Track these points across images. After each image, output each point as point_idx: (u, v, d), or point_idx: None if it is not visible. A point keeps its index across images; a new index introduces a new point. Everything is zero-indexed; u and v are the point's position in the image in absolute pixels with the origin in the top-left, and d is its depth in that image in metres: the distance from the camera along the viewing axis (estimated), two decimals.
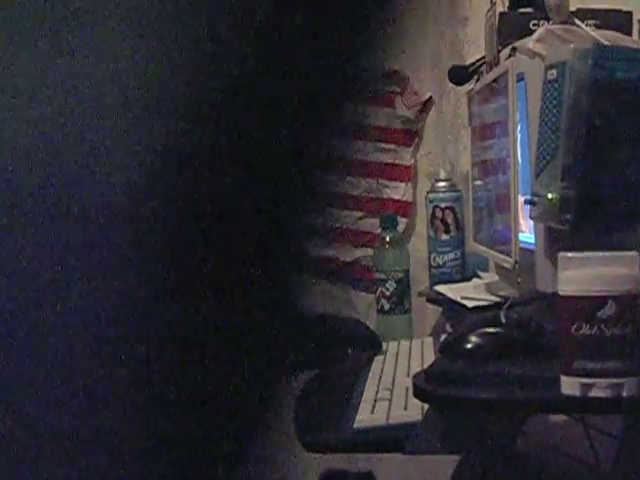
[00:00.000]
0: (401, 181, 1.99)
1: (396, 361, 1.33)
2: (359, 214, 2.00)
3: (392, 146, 1.99)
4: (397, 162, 1.99)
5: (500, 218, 1.31)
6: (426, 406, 1.01)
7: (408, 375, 1.23)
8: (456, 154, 1.95)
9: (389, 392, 1.15)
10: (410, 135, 1.99)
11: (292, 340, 1.13)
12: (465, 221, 1.61)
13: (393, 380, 1.22)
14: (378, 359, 1.34)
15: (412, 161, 1.99)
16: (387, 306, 1.55)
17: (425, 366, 1.25)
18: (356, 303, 2.00)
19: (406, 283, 1.56)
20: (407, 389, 1.14)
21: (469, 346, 0.93)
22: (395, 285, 1.55)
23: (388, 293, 1.55)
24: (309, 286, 1.81)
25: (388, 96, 1.98)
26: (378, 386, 1.19)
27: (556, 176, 0.96)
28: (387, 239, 1.57)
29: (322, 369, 1.24)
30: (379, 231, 1.85)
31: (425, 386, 0.88)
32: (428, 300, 1.62)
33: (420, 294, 1.64)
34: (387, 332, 1.53)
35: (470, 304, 1.42)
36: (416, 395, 0.88)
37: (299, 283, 1.01)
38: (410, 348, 1.42)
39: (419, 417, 1.02)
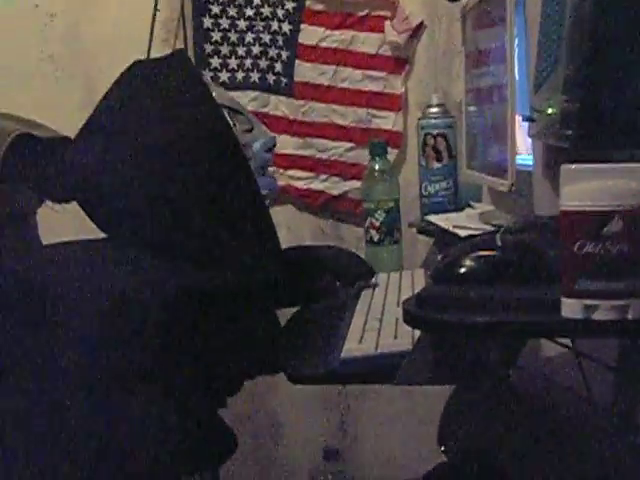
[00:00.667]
0: (391, 110, 1.91)
1: (386, 292, 1.27)
2: (348, 145, 1.93)
3: (382, 74, 1.91)
4: (387, 91, 1.92)
5: (495, 143, 1.25)
6: (417, 335, 0.96)
7: (398, 305, 1.17)
8: (449, 82, 1.88)
9: (378, 322, 1.10)
10: (400, 62, 1.91)
11: (275, 272, 1.07)
12: (458, 149, 1.54)
13: (382, 310, 1.17)
14: (367, 291, 1.29)
15: (402, 90, 1.92)
16: (376, 237, 1.49)
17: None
18: (346, 237, 1.94)
19: (396, 213, 1.50)
20: (397, 319, 1.08)
21: (463, 270, 0.87)
22: (384, 215, 1.49)
23: (377, 223, 1.49)
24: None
25: (377, 21, 1.90)
26: (367, 316, 1.14)
27: (557, 89, 0.89)
28: (376, 168, 1.50)
29: (309, 302, 1.19)
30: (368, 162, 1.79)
31: (416, 311, 0.81)
32: (419, 231, 1.56)
33: (410, 225, 1.58)
34: (376, 264, 1.48)
35: (463, 233, 1.36)
36: (406, 321, 0.82)
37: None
38: (400, 279, 1.36)
39: (410, 346, 0.96)
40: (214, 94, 1.09)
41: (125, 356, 0.95)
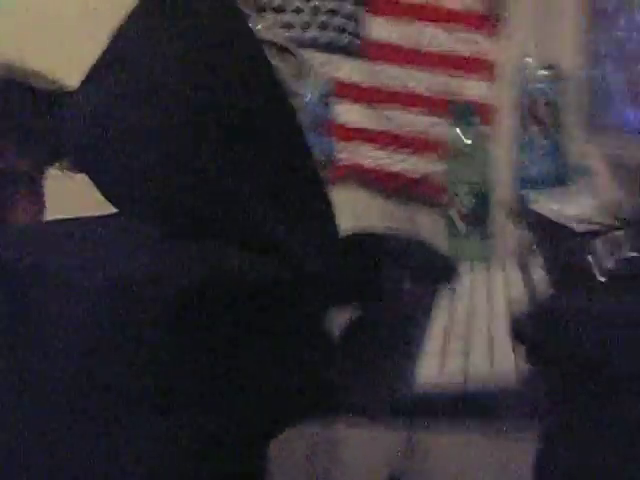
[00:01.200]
0: (482, 78, 1.61)
1: (472, 296, 0.98)
2: (432, 119, 1.63)
3: (471, 34, 1.61)
4: (477, 55, 1.61)
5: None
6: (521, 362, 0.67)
7: (491, 317, 0.89)
8: (552, 43, 1.56)
9: (462, 340, 0.82)
10: (494, 20, 1.60)
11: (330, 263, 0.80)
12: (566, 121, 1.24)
13: (468, 322, 0.88)
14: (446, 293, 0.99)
15: (496, 53, 1.61)
16: (463, 228, 1.20)
17: (512, 304, 0.92)
18: (424, 228, 1.65)
19: (487, 198, 1.21)
20: (490, 338, 0.80)
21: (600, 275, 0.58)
22: (473, 201, 1.19)
23: (465, 211, 1.20)
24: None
25: None
26: (448, 329, 0.85)
27: None
28: (463, 140, 1.21)
29: (371, 305, 0.90)
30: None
31: (531, 330, 0.53)
32: (513, 216, 1.26)
33: (499, 204, 1.28)
34: (461, 261, 1.19)
35: (579, 227, 1.06)
36: (519, 340, 0.54)
37: None
38: (489, 279, 1.07)
39: (512, 378, 0.68)
40: (258, 26, 0.83)
41: (118, 377, 0.69)
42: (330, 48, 1.66)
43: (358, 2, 1.64)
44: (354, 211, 1.68)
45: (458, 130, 1.20)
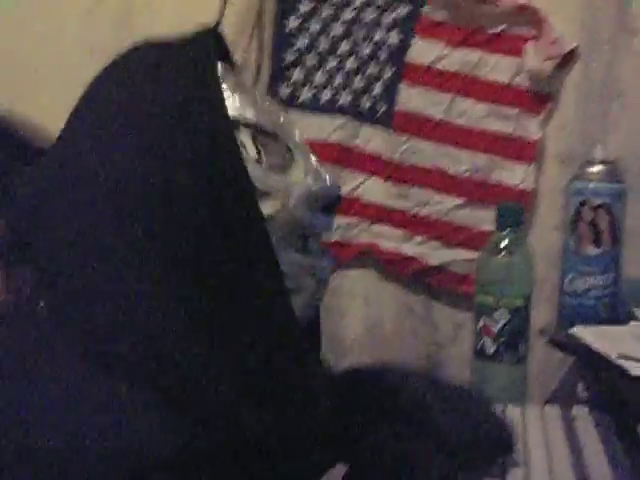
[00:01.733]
0: (521, 161, 1.43)
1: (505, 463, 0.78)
2: (457, 201, 1.45)
3: (514, 111, 1.43)
4: (518, 134, 1.43)
5: None
6: None
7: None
8: (603, 132, 1.38)
9: None
10: (541, 99, 1.42)
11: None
12: (626, 232, 1.05)
13: None
14: None
15: (540, 135, 1.43)
16: (491, 348, 1.01)
17: (560, 468, 0.73)
18: (441, 324, 1.46)
19: (525, 316, 1.02)
20: None
21: None
22: (508, 317, 1.01)
23: (495, 329, 1.01)
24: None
25: (515, 41, 1.42)
26: None
27: None
28: (504, 244, 1.02)
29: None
30: (482, 229, 1.32)
31: None
32: (554, 344, 1.06)
33: (542, 333, 1.09)
34: (487, 387, 1.00)
35: (636, 370, 0.87)
36: None
37: None
38: (524, 423, 0.88)
39: None
40: (236, 104, 0.64)
41: None
42: (362, 118, 1.48)
43: (393, 65, 1.46)
44: (366, 295, 1.50)
45: (500, 232, 1.01)
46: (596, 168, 1.08)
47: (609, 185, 1.07)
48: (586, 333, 0.98)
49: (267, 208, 0.64)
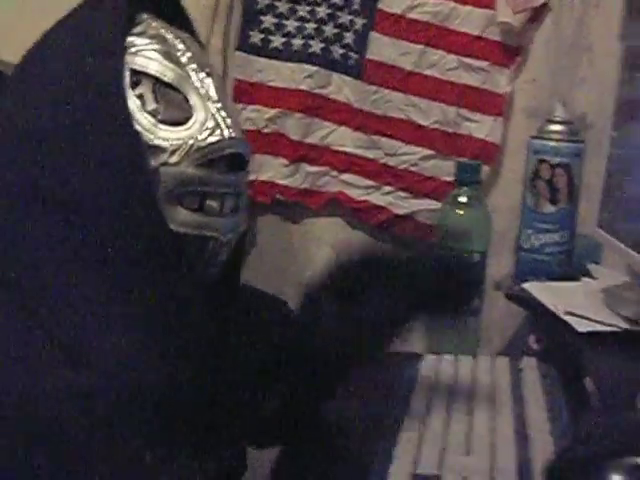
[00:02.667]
0: (489, 114, 1.44)
1: (448, 411, 0.81)
2: (425, 152, 1.47)
3: (483, 63, 1.43)
4: (487, 87, 1.44)
5: None
6: None
7: (469, 448, 0.72)
8: (571, 87, 1.40)
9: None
10: (511, 52, 1.43)
11: None
12: (581, 189, 1.07)
13: (441, 454, 0.71)
14: (416, 400, 0.82)
15: (509, 88, 1.44)
16: None
17: (501, 417, 0.76)
18: None
19: (482, 269, 1.04)
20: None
21: None
22: None
23: None
24: None
25: None
26: (414, 463, 0.68)
27: None
28: (462, 200, 1.04)
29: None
30: (449, 179, 1.33)
31: None
32: (509, 297, 1.09)
33: (497, 287, 1.12)
34: (441, 339, 1.03)
35: (581, 327, 0.90)
36: None
37: None
38: (475, 376, 0.91)
39: None
40: (144, 55, 0.66)
41: None
42: (333, 66, 1.48)
43: (364, 14, 1.46)
44: (334, 242, 1.52)
45: (459, 188, 1.03)
46: (556, 127, 1.10)
47: (568, 144, 1.08)
48: (538, 288, 1.01)
49: (153, 162, 0.64)
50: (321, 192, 1.53)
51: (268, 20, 1.49)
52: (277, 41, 1.49)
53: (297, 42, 1.48)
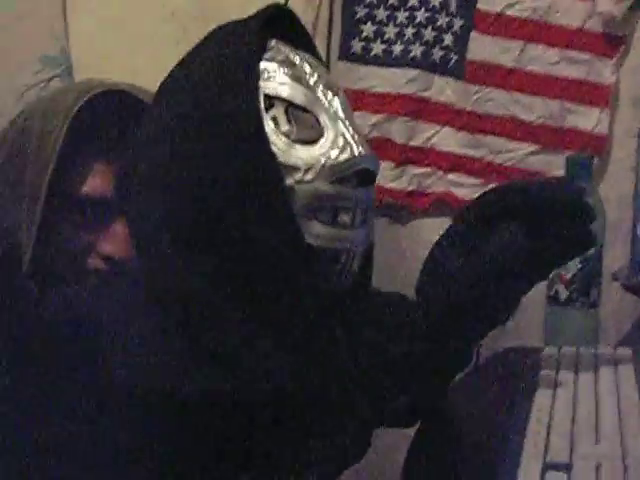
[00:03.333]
0: (595, 106, 1.43)
1: (573, 400, 0.82)
2: (531, 148, 1.47)
3: (586, 56, 1.43)
4: (591, 79, 1.43)
5: None
6: None
7: (598, 436, 0.73)
8: None
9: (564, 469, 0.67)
10: (613, 42, 1.42)
11: None
12: None
13: (570, 442, 0.73)
14: (540, 392, 0.84)
15: (613, 79, 1.43)
16: (564, 294, 1.05)
17: (628, 404, 0.76)
18: None
19: (597, 263, 1.05)
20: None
21: None
22: (580, 265, 1.04)
23: (568, 276, 1.04)
24: None
25: None
26: (544, 453, 0.70)
27: None
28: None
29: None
30: (558, 174, 1.34)
31: None
32: (626, 288, 1.09)
33: (614, 278, 1.12)
34: (560, 332, 1.04)
35: None
36: None
37: None
38: (596, 366, 0.92)
39: None
40: (277, 80, 0.69)
41: None
42: (434, 69, 1.50)
43: (462, 15, 1.48)
44: None
45: None
46: None
47: None
48: None
49: (290, 180, 0.67)
50: (427, 193, 1.54)
51: (368, 28, 1.52)
52: (377, 48, 1.52)
53: (397, 47, 1.51)
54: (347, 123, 0.71)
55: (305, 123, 0.70)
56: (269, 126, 0.68)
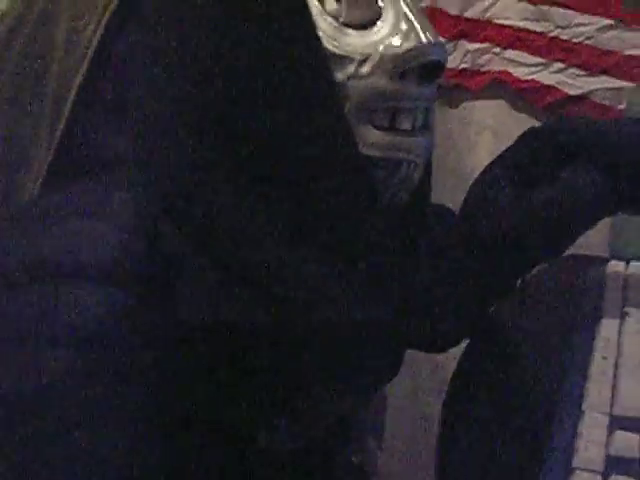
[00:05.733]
0: None
1: None
2: (604, 22, 1.30)
3: None
4: None
5: None
6: None
7: None
8: None
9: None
10: None
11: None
12: None
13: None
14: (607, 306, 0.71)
15: None
16: None
17: None
18: None
19: None
20: None
21: None
22: None
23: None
24: None
25: None
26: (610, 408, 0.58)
27: None
28: None
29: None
30: (634, 53, 1.18)
31: None
32: None
33: None
34: (629, 243, 0.90)
35: None
36: None
37: None
38: None
39: None
40: None
41: None
42: None
43: None
44: (496, 128, 1.41)
45: None
46: None
47: None
48: None
49: (340, 74, 0.54)
50: (482, 72, 1.41)
51: None
52: None
53: None
54: (410, 2, 0.55)
55: (357, 1, 0.55)
56: (313, 5, 0.53)
